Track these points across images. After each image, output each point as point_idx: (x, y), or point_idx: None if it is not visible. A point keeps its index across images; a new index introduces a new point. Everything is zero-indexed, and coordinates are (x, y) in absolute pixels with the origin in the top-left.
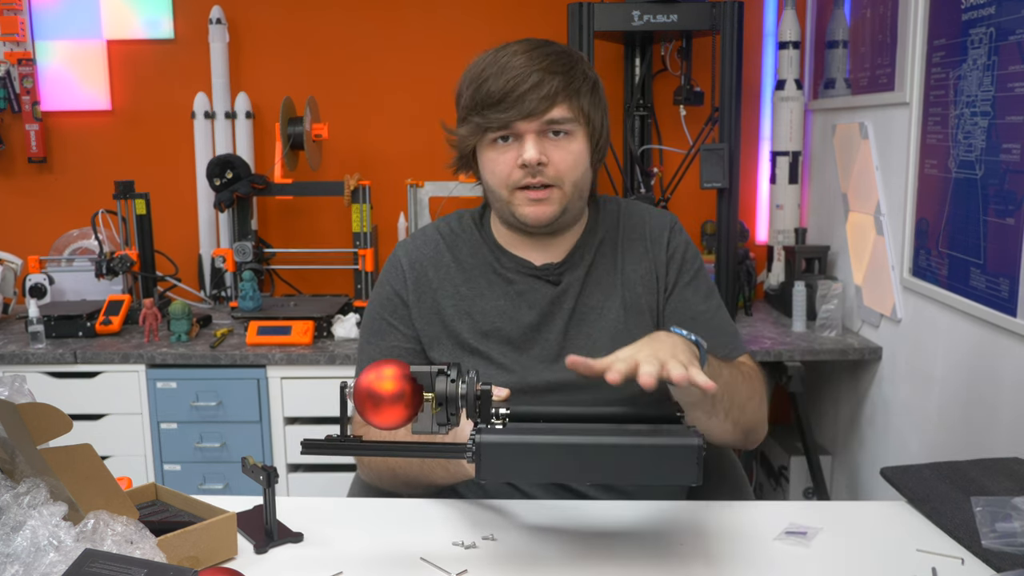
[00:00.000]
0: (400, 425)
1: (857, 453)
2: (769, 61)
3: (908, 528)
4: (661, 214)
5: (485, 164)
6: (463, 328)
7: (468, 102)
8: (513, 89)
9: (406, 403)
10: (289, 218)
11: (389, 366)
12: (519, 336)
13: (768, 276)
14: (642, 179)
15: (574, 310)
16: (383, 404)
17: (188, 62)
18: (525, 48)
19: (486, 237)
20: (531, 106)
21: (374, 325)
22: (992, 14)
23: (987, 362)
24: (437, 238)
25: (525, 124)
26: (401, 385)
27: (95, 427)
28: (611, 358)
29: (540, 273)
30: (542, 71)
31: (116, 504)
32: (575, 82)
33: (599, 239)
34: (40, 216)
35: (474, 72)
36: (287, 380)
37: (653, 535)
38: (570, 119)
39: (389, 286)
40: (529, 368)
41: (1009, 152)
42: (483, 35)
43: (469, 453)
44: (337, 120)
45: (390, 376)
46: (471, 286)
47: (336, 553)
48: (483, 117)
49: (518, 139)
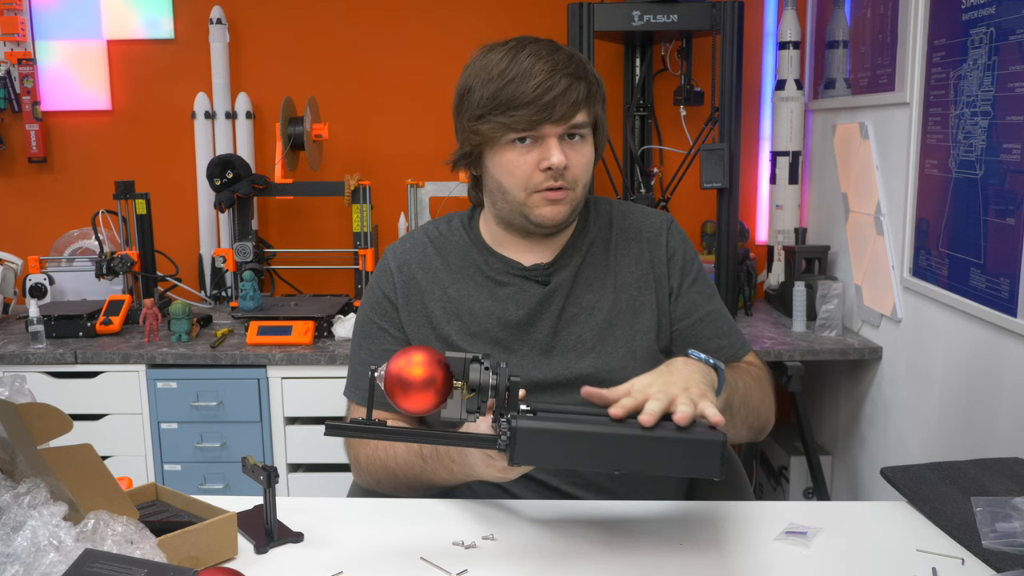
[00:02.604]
0: (430, 410)
1: (857, 453)
2: (769, 61)
3: (908, 528)
4: (656, 214)
5: (502, 165)
6: (451, 330)
7: (487, 101)
8: (544, 93)
9: (436, 389)
10: (289, 218)
11: (419, 352)
12: (507, 337)
13: (768, 276)
14: (642, 179)
15: (563, 310)
16: (413, 389)
17: (188, 62)
18: (545, 51)
19: (474, 238)
20: (561, 111)
21: (365, 329)
22: (992, 14)
23: (987, 362)
24: (425, 241)
25: (552, 128)
26: (432, 371)
27: (95, 427)
28: (622, 389)
29: (529, 273)
30: (570, 76)
31: (116, 504)
32: (593, 87)
33: (590, 239)
34: (40, 216)
35: (493, 71)
36: (287, 380)
37: (653, 535)
38: (587, 123)
39: (379, 290)
40: (518, 372)
41: (1009, 152)
42: (483, 35)
43: (504, 437)
44: (337, 120)
45: (420, 362)
46: (459, 288)
47: (336, 553)
48: (510, 118)
49: (537, 141)
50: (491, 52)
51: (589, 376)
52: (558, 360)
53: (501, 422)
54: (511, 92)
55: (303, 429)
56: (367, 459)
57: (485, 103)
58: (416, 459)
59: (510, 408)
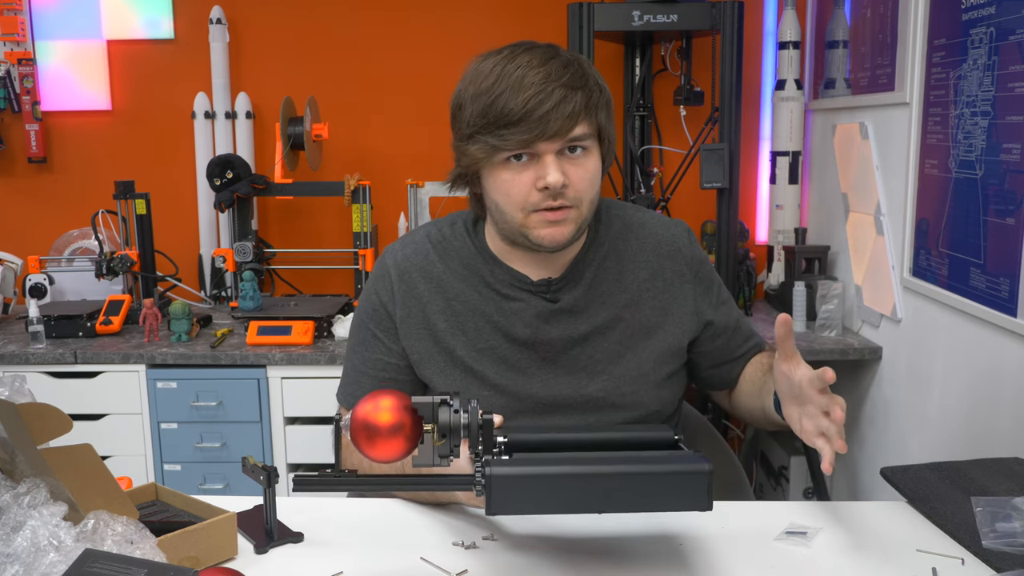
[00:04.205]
0: (399, 459)
1: (857, 453)
2: (769, 61)
3: (908, 528)
4: (672, 224)
5: (496, 185)
6: (457, 344)
7: (477, 119)
8: (535, 108)
9: (405, 435)
10: (289, 218)
11: (387, 396)
12: (514, 354)
13: (768, 276)
14: (642, 179)
15: (573, 330)
16: (380, 436)
17: (188, 62)
18: (539, 60)
19: (479, 246)
20: (555, 126)
21: (360, 334)
22: (992, 14)
23: (987, 362)
24: (427, 247)
25: (547, 144)
26: (399, 416)
27: (95, 427)
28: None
29: (536, 289)
30: (564, 87)
31: (116, 504)
32: (594, 96)
33: (603, 253)
34: (40, 216)
35: (482, 85)
36: (287, 380)
37: (653, 535)
38: (589, 135)
39: (376, 295)
40: (525, 391)
41: (1009, 152)
42: (483, 35)
43: (478, 487)
44: (337, 120)
45: (388, 407)
46: (463, 300)
47: (336, 553)
48: (499, 138)
49: (533, 158)
50: (484, 61)
51: (600, 399)
52: (567, 380)
53: (475, 467)
54: (500, 108)
55: (303, 429)
56: None
57: (475, 121)
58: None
59: (484, 449)
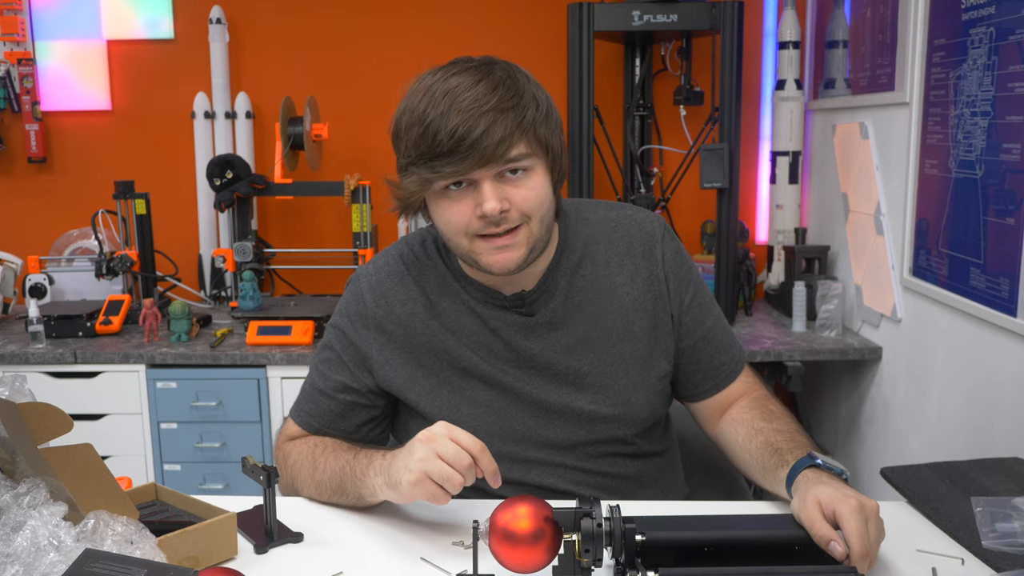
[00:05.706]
0: (539, 569)
1: (857, 453)
2: (769, 61)
3: (908, 528)
4: (646, 219)
5: (438, 214)
6: (441, 365)
7: (410, 150)
8: (465, 136)
9: (547, 546)
10: (289, 218)
11: (524, 504)
12: (497, 373)
13: (768, 276)
14: (642, 179)
15: (555, 343)
16: (521, 544)
17: (188, 62)
18: (468, 83)
19: (451, 265)
20: (487, 153)
21: (326, 352)
22: (992, 14)
23: (987, 362)
24: (401, 269)
25: (482, 172)
26: (538, 524)
27: (95, 427)
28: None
29: (511, 304)
30: (493, 111)
31: (116, 504)
32: (528, 113)
33: (575, 259)
34: (40, 216)
35: (415, 113)
36: (287, 380)
37: None
38: (528, 155)
39: (348, 321)
40: (512, 409)
41: (1009, 152)
42: (483, 35)
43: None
44: (337, 120)
45: (525, 515)
46: (442, 321)
47: (336, 553)
48: (431, 170)
49: (472, 184)
50: (421, 82)
51: (591, 411)
52: (555, 395)
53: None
54: (430, 139)
55: None
56: (292, 479)
57: (408, 152)
58: (347, 468)
59: (627, 560)
